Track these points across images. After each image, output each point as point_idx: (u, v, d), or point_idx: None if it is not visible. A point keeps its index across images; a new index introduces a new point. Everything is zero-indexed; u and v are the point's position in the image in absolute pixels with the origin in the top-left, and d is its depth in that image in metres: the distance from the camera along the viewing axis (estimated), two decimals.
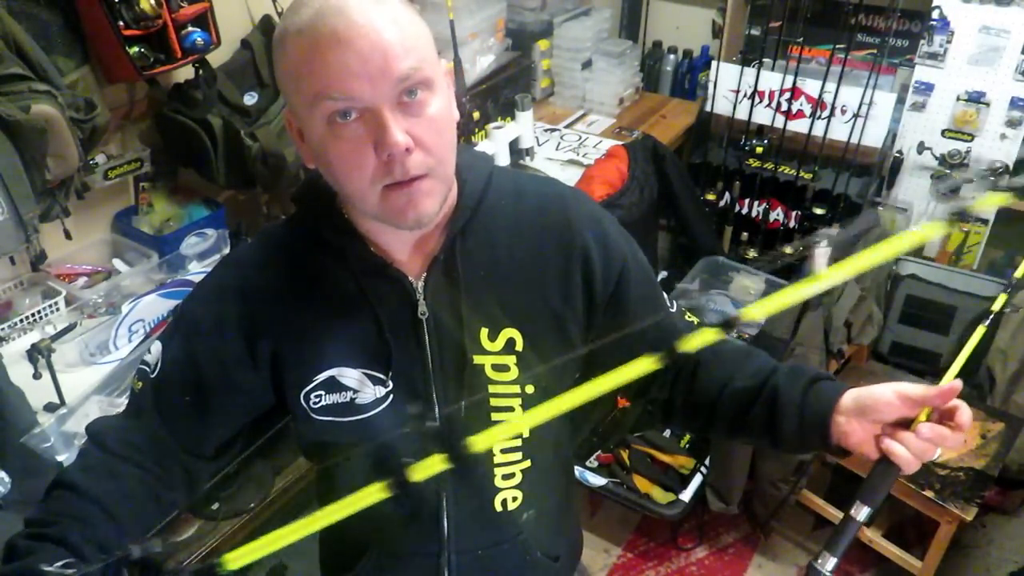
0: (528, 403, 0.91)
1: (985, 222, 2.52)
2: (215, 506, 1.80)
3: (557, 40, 2.87)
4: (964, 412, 0.78)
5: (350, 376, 0.89)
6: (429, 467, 0.62)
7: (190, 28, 1.70)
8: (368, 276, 0.88)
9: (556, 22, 2.87)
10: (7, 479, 1.29)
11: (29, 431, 1.36)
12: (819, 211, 2.74)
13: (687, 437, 2.41)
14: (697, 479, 2.26)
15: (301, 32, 0.73)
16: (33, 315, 1.66)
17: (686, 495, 2.23)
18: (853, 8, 2.46)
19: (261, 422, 0.97)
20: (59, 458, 1.37)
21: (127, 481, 0.87)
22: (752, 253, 2.89)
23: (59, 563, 0.73)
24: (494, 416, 0.91)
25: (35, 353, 1.50)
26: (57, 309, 1.69)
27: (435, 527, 0.96)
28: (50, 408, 1.47)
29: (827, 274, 0.66)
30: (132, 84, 1.80)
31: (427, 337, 0.88)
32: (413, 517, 0.97)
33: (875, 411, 0.81)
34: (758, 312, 0.67)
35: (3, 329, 1.63)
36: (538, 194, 0.93)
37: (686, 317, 1.02)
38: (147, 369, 0.91)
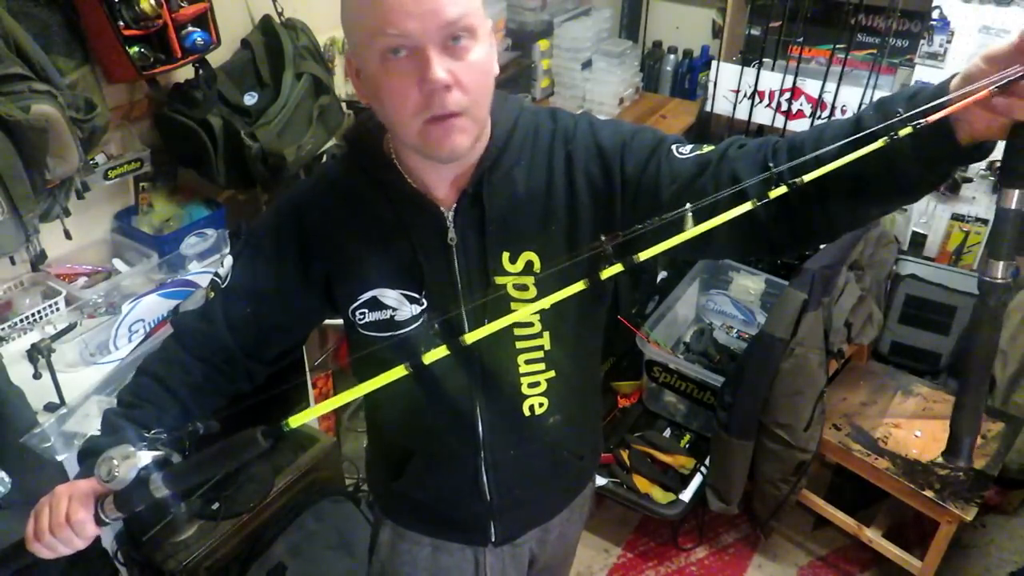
0: (546, 319, 1.02)
1: (985, 222, 2.52)
2: (215, 506, 1.80)
3: (557, 40, 2.87)
4: None
5: (390, 296, 1.01)
6: (435, 353, 0.73)
7: (190, 28, 1.70)
8: (405, 206, 0.99)
9: (556, 22, 2.87)
10: (7, 479, 1.29)
11: (29, 431, 1.36)
12: None
13: (687, 437, 2.41)
14: (697, 479, 2.26)
15: None
16: (33, 315, 1.66)
17: (686, 495, 2.23)
18: (853, 8, 2.46)
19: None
20: (59, 458, 1.37)
21: (198, 377, 1.05)
22: None
23: (153, 431, 0.95)
24: (516, 331, 1.03)
25: (35, 353, 1.50)
26: (57, 309, 1.69)
27: (472, 432, 1.09)
28: (50, 408, 1.47)
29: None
30: (132, 84, 1.80)
31: (455, 260, 0.99)
32: (452, 424, 1.09)
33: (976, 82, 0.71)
34: None
35: (3, 329, 1.63)
36: (549, 130, 1.01)
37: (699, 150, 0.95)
38: (218, 281, 1.06)
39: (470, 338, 0.73)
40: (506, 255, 0.99)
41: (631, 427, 2.45)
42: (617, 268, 0.74)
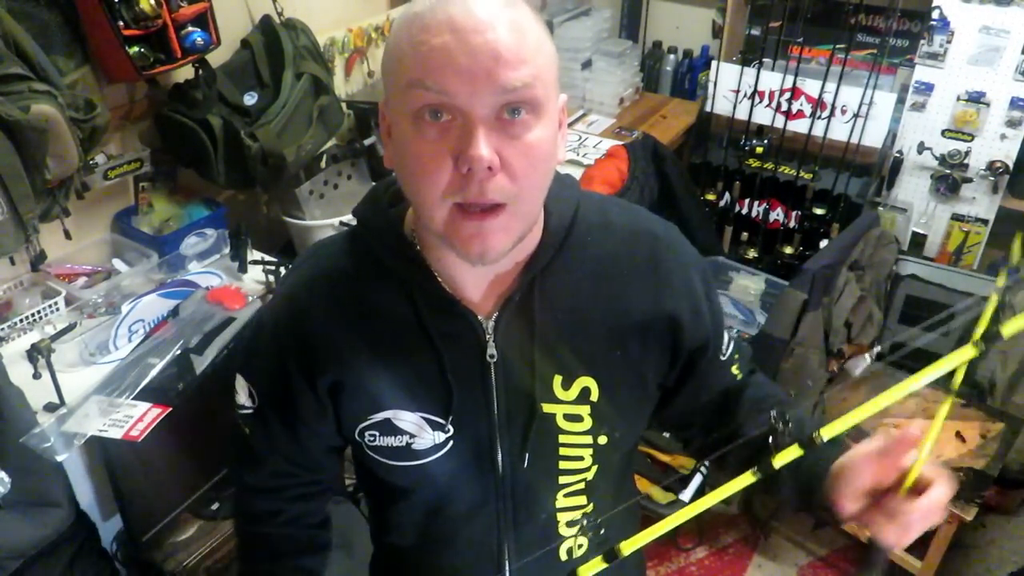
0: (600, 454, 0.86)
1: (985, 222, 2.52)
2: (215, 506, 1.80)
3: (557, 40, 2.86)
4: (937, 489, 0.68)
5: (407, 420, 0.82)
6: (592, 567, 0.64)
7: (190, 28, 1.70)
8: (432, 311, 0.79)
9: (556, 22, 2.87)
10: (7, 479, 1.29)
11: (29, 431, 1.36)
12: (819, 211, 2.74)
13: None
14: (697, 479, 2.26)
15: (418, 14, 0.66)
16: (33, 315, 1.66)
17: (686, 495, 2.23)
18: (853, 8, 2.46)
19: None
20: (59, 458, 1.37)
21: (303, 536, 0.99)
22: (752, 253, 2.89)
23: None
24: (562, 465, 0.86)
25: (35, 353, 1.50)
26: (57, 309, 1.69)
27: None
28: (50, 408, 1.47)
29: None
30: (132, 84, 1.80)
31: (494, 382, 0.81)
32: (473, 570, 0.92)
33: (851, 476, 0.74)
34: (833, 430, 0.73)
35: (3, 329, 1.63)
36: (629, 229, 0.85)
37: (734, 362, 0.96)
38: (248, 412, 0.91)
39: (627, 548, 0.64)
40: (558, 379, 0.81)
41: None
42: (794, 452, 0.72)
